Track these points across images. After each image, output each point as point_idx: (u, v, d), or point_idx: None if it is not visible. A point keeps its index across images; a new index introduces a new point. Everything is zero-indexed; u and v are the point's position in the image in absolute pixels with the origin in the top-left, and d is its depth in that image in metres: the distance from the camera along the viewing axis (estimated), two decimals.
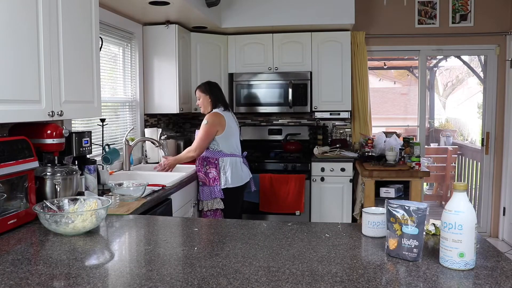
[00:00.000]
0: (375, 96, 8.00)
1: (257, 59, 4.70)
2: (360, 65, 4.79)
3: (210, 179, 3.41)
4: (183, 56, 4.27)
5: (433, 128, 8.18)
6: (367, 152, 4.33)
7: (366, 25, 4.86)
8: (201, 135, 3.40)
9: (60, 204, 1.92)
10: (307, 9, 4.32)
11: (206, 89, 3.54)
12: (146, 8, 3.54)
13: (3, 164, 1.79)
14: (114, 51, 3.76)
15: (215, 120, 3.41)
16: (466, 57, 6.46)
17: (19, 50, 1.87)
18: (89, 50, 2.44)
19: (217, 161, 3.42)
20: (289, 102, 4.57)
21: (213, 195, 3.39)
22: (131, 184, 2.56)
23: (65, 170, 2.20)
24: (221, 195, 3.39)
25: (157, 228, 1.92)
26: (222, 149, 3.43)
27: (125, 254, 1.64)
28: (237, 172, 3.46)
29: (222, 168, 3.42)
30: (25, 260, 1.48)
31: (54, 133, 2.18)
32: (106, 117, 3.32)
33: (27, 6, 1.91)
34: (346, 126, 5.03)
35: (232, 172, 3.42)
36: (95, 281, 1.29)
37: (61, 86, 2.16)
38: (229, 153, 3.45)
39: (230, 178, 3.41)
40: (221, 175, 3.41)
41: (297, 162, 4.38)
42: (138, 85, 4.08)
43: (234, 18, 4.44)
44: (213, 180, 3.40)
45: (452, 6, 4.78)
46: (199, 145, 3.41)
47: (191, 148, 3.45)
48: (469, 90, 10.02)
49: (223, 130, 3.42)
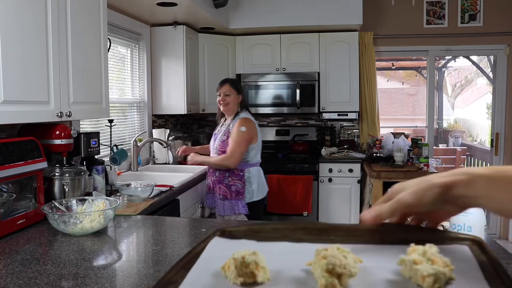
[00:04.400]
0: (383, 96, 7.97)
1: (264, 60, 4.70)
2: (368, 65, 4.77)
3: (233, 192, 3.02)
4: (191, 57, 4.28)
5: (442, 129, 8.13)
6: (375, 153, 4.31)
7: (374, 26, 4.84)
8: (240, 144, 2.98)
9: (69, 205, 1.93)
10: (314, 9, 4.31)
11: (239, 87, 3.16)
12: (154, 9, 3.55)
13: (12, 164, 1.80)
14: (122, 52, 3.78)
15: (251, 127, 3.06)
16: (475, 57, 6.41)
17: (28, 51, 1.88)
18: (97, 51, 2.45)
19: (242, 172, 3.05)
20: (296, 103, 4.56)
21: (236, 211, 3.01)
22: (139, 185, 2.56)
23: (74, 171, 2.22)
24: (245, 210, 3.00)
25: (164, 228, 1.92)
26: (249, 159, 3.07)
27: (132, 254, 1.64)
28: (262, 183, 3.17)
29: (248, 180, 3.05)
30: (34, 260, 1.49)
31: (62, 133, 2.19)
32: (114, 118, 3.33)
33: (36, 7, 1.92)
34: (354, 127, 5.01)
35: (258, 184, 3.10)
36: (103, 281, 1.29)
37: (70, 87, 2.17)
38: (254, 163, 3.13)
39: (256, 190, 3.07)
40: (246, 188, 3.03)
41: (304, 163, 4.37)
42: (146, 86, 4.09)
43: (241, 19, 4.44)
44: (236, 193, 3.02)
45: (461, 6, 4.75)
46: (239, 156, 2.97)
47: (226, 157, 2.98)
48: (478, 90, 9.95)
49: (257, 139, 3.12)
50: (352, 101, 4.61)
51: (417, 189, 0.59)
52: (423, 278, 0.50)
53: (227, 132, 3.06)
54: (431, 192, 0.58)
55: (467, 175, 0.57)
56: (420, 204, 0.59)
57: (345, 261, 0.52)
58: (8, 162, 1.78)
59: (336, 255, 0.53)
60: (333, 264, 0.51)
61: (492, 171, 0.57)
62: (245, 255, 0.54)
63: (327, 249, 0.54)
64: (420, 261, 0.52)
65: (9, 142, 1.85)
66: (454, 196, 0.58)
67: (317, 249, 0.55)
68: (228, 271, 0.54)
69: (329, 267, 0.51)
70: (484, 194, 0.56)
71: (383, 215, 0.60)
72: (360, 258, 0.55)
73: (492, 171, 0.57)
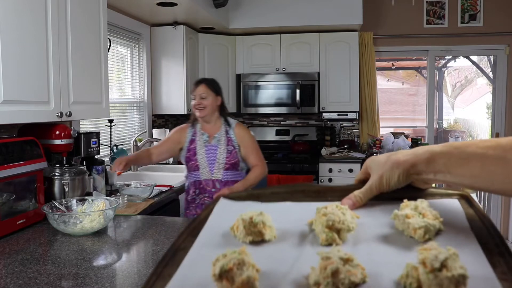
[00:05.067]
0: (383, 96, 7.97)
1: (264, 59, 4.70)
2: (368, 65, 4.77)
3: None
4: (191, 57, 4.28)
5: (442, 129, 8.12)
6: (375, 153, 4.31)
7: (374, 26, 4.84)
8: (259, 148, 2.72)
9: (69, 205, 1.93)
10: (314, 9, 4.31)
11: (217, 88, 2.69)
12: (153, 9, 3.55)
13: (13, 164, 1.80)
14: (122, 52, 3.78)
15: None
16: (475, 57, 6.40)
17: (28, 51, 1.88)
18: (97, 51, 2.45)
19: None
20: (296, 103, 4.56)
21: None
22: (139, 185, 2.56)
23: (74, 171, 2.22)
24: None
25: (164, 228, 1.92)
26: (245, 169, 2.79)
27: (132, 254, 1.64)
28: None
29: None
30: (34, 259, 1.49)
31: (62, 133, 2.19)
32: (114, 118, 3.33)
33: (35, 7, 1.92)
34: (354, 127, 5.01)
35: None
36: (103, 281, 1.29)
37: (70, 87, 2.17)
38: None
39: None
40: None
41: (304, 163, 4.37)
42: (146, 86, 4.09)
43: (241, 19, 4.44)
44: None
45: (461, 5, 4.75)
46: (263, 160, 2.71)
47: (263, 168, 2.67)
48: (478, 90, 9.94)
49: None
50: (352, 101, 4.61)
51: (383, 173, 0.64)
52: (414, 231, 0.55)
53: (229, 141, 2.63)
54: (396, 173, 0.63)
55: (427, 153, 0.61)
56: (389, 186, 0.64)
57: (343, 217, 0.56)
58: (8, 162, 1.78)
59: (335, 212, 0.57)
60: (332, 220, 0.55)
61: (451, 148, 0.60)
62: (252, 215, 0.58)
63: (327, 207, 0.58)
64: (411, 215, 0.56)
65: (9, 142, 1.85)
66: (416, 173, 0.62)
67: (317, 207, 0.59)
68: (237, 231, 0.58)
69: (329, 223, 0.55)
70: (444, 170, 0.60)
71: (360, 201, 0.65)
72: (357, 215, 0.60)
73: (451, 148, 0.60)
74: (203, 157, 2.60)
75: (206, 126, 2.68)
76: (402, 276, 0.46)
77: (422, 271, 0.44)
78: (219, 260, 0.48)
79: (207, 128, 2.68)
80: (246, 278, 0.45)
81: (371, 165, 0.67)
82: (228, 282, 0.45)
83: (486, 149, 0.57)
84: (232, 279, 0.46)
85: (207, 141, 2.64)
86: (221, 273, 0.46)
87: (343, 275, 0.45)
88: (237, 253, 0.48)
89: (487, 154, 0.56)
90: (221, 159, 2.59)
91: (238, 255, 0.47)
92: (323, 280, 0.45)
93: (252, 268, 0.47)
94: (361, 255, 0.49)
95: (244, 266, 0.47)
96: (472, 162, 0.57)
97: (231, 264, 0.46)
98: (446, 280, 0.42)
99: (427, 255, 0.45)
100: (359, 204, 0.65)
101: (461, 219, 0.58)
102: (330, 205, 0.59)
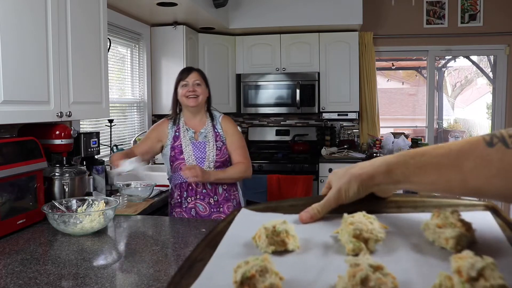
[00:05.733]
0: (383, 96, 7.97)
1: (264, 59, 4.70)
2: (368, 65, 4.77)
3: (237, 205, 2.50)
4: (191, 57, 4.28)
5: (442, 129, 8.12)
6: (375, 153, 4.31)
7: (374, 26, 4.84)
8: (245, 146, 2.51)
9: (69, 205, 1.93)
10: (314, 9, 4.31)
11: (207, 80, 2.53)
12: (153, 9, 3.55)
13: (13, 164, 1.80)
14: (122, 52, 3.78)
15: None
16: (475, 57, 6.40)
17: (28, 51, 1.88)
18: (97, 51, 2.45)
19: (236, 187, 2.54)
20: (296, 103, 4.55)
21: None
22: (139, 185, 2.57)
23: (74, 171, 2.22)
24: None
25: (164, 228, 1.92)
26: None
27: (132, 254, 1.64)
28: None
29: (239, 188, 2.59)
30: (34, 259, 1.49)
31: (62, 133, 2.19)
32: (114, 118, 3.33)
33: (35, 7, 1.92)
34: (354, 127, 5.01)
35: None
36: (103, 281, 1.29)
37: (70, 87, 2.17)
38: None
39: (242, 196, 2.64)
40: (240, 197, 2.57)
41: (304, 163, 4.37)
42: (146, 86, 4.09)
43: (241, 19, 4.44)
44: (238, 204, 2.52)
45: (461, 5, 4.75)
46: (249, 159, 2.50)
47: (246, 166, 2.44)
48: (478, 90, 9.94)
49: None
50: (352, 101, 4.61)
51: (340, 186, 0.64)
52: (446, 241, 0.52)
53: (218, 137, 2.44)
54: (353, 187, 0.63)
55: (384, 164, 0.62)
56: (346, 198, 0.64)
57: (371, 226, 0.54)
58: (8, 162, 1.78)
59: (363, 221, 0.55)
60: (360, 229, 0.53)
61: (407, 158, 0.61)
62: (275, 224, 0.55)
63: (354, 216, 0.56)
64: (443, 224, 0.54)
65: (9, 142, 1.85)
66: (375, 184, 0.63)
67: (344, 216, 0.57)
68: (259, 240, 0.56)
69: (356, 232, 0.53)
70: (403, 180, 0.60)
71: (317, 215, 0.64)
72: (385, 225, 0.57)
73: (406, 157, 0.61)
74: (190, 156, 2.37)
75: (191, 121, 2.47)
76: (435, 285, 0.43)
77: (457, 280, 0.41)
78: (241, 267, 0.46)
79: (192, 123, 2.47)
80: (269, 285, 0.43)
81: (332, 179, 0.67)
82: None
83: (439, 158, 0.58)
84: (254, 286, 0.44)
85: (193, 138, 2.42)
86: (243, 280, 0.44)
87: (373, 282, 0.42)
88: (259, 260, 0.46)
89: (441, 162, 0.58)
90: (210, 157, 2.38)
91: (261, 262, 0.45)
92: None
93: (275, 276, 0.45)
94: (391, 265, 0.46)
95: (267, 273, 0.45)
96: (428, 171, 0.58)
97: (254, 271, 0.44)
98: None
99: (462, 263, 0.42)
100: (316, 217, 0.64)
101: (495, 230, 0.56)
102: (357, 214, 0.57)
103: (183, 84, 2.42)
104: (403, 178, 0.60)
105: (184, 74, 2.44)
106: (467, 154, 0.56)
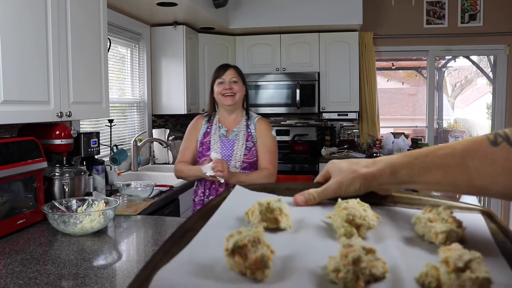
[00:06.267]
0: (383, 96, 7.97)
1: (264, 59, 4.70)
2: (368, 65, 4.77)
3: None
4: (191, 57, 4.28)
5: (442, 129, 8.12)
6: (375, 153, 4.31)
7: (374, 26, 4.84)
8: (276, 153, 2.44)
9: (69, 205, 1.93)
10: (314, 9, 4.31)
11: (244, 76, 2.46)
12: (153, 9, 3.55)
13: (13, 164, 1.80)
14: (122, 52, 3.78)
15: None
16: (475, 57, 6.40)
17: (28, 51, 1.88)
18: (97, 51, 2.45)
19: None
20: (296, 103, 4.55)
21: None
22: (139, 185, 2.56)
23: (74, 171, 2.22)
24: None
25: (164, 228, 1.92)
26: None
27: (132, 254, 1.64)
28: None
29: None
30: (33, 259, 1.49)
31: (62, 133, 2.19)
32: (114, 118, 3.33)
33: (35, 8, 1.92)
34: (354, 126, 5.01)
35: None
36: (103, 281, 1.29)
37: (70, 87, 2.17)
38: None
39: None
40: None
41: (304, 163, 4.37)
42: (146, 86, 4.09)
43: (241, 19, 4.44)
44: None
45: (461, 6, 4.75)
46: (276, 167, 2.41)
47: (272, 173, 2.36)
48: (478, 90, 9.94)
49: None
50: (352, 101, 4.61)
51: (342, 180, 0.64)
52: (436, 235, 0.53)
53: (249, 137, 2.37)
54: (355, 184, 0.64)
55: (389, 165, 0.62)
56: (346, 193, 0.64)
57: (364, 213, 0.55)
58: (8, 162, 1.78)
59: (356, 207, 0.56)
60: (353, 215, 0.54)
61: (411, 159, 0.61)
62: (270, 201, 0.56)
63: (348, 201, 0.57)
64: (435, 219, 0.55)
65: (9, 142, 1.85)
66: (378, 184, 0.64)
67: (338, 201, 0.58)
68: (251, 216, 0.56)
69: (349, 217, 0.54)
70: (408, 180, 0.61)
71: (312, 200, 0.65)
72: (378, 215, 0.58)
73: (410, 158, 0.61)
74: (217, 151, 2.30)
75: (226, 119, 2.41)
76: (422, 274, 0.44)
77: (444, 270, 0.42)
78: (233, 236, 0.46)
79: (227, 121, 2.41)
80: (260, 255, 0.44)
81: (332, 169, 0.67)
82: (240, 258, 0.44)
83: (444, 158, 0.59)
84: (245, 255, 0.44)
85: (223, 135, 2.37)
86: (234, 248, 0.44)
87: (365, 264, 0.43)
88: (253, 231, 0.46)
89: (446, 162, 0.58)
90: (238, 156, 2.30)
91: (254, 234, 0.46)
92: (343, 268, 0.42)
93: (267, 248, 0.45)
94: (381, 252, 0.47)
95: (259, 244, 0.45)
96: (433, 171, 0.59)
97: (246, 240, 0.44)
98: (469, 282, 0.40)
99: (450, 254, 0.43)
100: (311, 203, 0.65)
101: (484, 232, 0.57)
102: (351, 200, 0.58)
103: (219, 81, 2.36)
104: (408, 179, 0.61)
105: (221, 71, 2.37)
106: (472, 153, 0.57)
